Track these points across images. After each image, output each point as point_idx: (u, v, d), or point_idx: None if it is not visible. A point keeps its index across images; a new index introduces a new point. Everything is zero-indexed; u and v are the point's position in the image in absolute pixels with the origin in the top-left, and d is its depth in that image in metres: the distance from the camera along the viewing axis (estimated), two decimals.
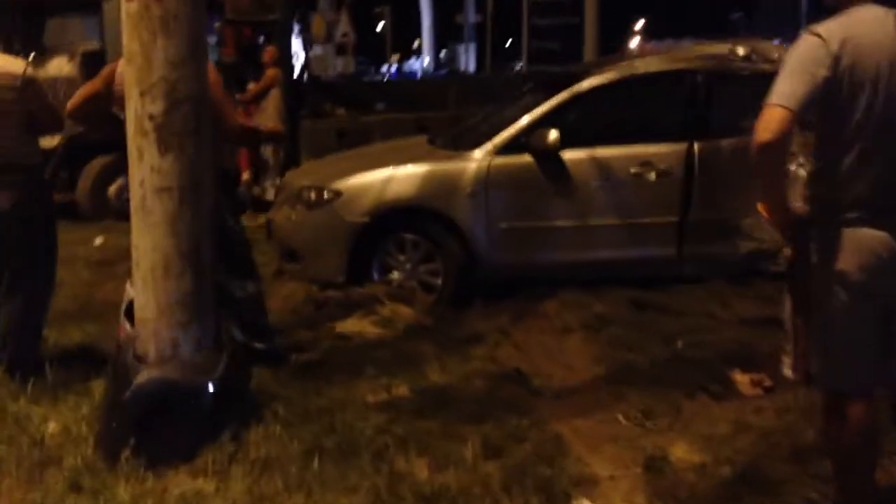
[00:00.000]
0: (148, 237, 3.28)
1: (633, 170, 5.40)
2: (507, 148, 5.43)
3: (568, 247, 5.46)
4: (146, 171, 3.23)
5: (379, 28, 38.38)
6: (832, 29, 2.43)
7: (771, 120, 2.41)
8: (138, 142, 3.21)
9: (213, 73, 3.91)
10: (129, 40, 3.14)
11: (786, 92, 2.41)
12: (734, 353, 4.39)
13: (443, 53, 44.65)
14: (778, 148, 2.43)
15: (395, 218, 5.46)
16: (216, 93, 3.83)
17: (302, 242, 5.59)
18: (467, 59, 40.86)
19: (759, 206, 2.69)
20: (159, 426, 3.25)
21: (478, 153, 5.46)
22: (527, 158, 5.41)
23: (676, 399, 3.89)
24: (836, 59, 2.40)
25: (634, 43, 40.33)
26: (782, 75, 2.45)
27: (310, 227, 5.57)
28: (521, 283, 5.50)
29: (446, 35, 43.42)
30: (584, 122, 5.56)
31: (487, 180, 5.39)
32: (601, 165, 5.42)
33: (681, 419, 3.72)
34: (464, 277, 5.44)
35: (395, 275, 5.51)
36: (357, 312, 5.17)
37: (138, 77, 3.14)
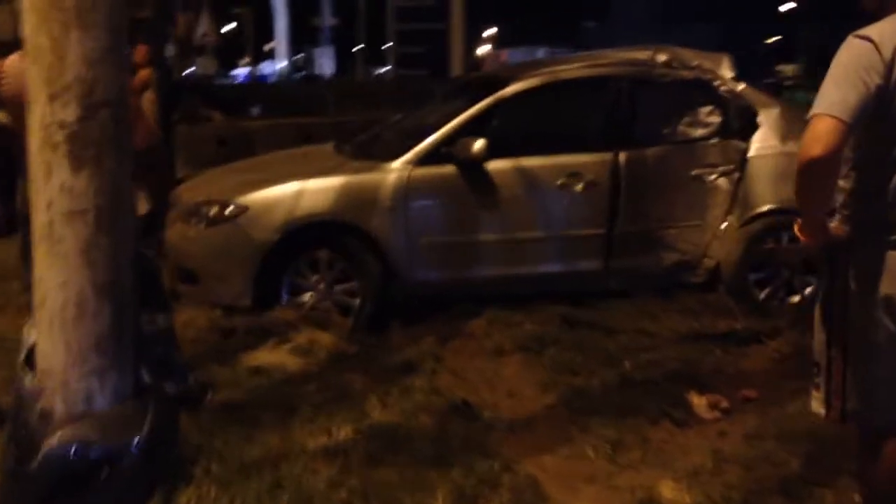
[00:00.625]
0: (57, 270, 2.72)
1: (559, 181, 5.15)
2: (428, 157, 5.08)
3: (493, 262, 5.17)
4: (54, 191, 2.67)
5: (224, 30, 36.93)
6: (884, 33, 2.20)
7: (822, 132, 2.16)
8: (46, 156, 2.65)
9: None
10: (34, 34, 2.58)
11: (836, 101, 2.16)
12: (681, 372, 4.22)
13: (298, 56, 43.77)
14: (828, 163, 2.19)
15: (307, 234, 5.00)
16: None
17: (201, 262, 5.03)
18: (324, 63, 40.24)
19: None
20: (73, 498, 2.70)
21: (396, 163, 5.08)
22: (449, 169, 5.08)
23: (640, 428, 3.65)
24: (890, 67, 2.17)
25: (483, 50, 40.77)
26: (829, 83, 2.20)
27: (210, 245, 5.02)
28: (442, 301, 5.17)
29: (302, 38, 42.66)
30: (508, 131, 5.28)
31: (407, 192, 5.02)
32: (527, 176, 5.15)
33: (651, 450, 3.48)
34: (383, 297, 5.04)
35: (308, 296, 5.05)
36: (270, 340, 4.68)
37: (47, 78, 2.58)
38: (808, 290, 5.28)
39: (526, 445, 3.53)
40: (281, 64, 38.11)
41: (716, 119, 5.40)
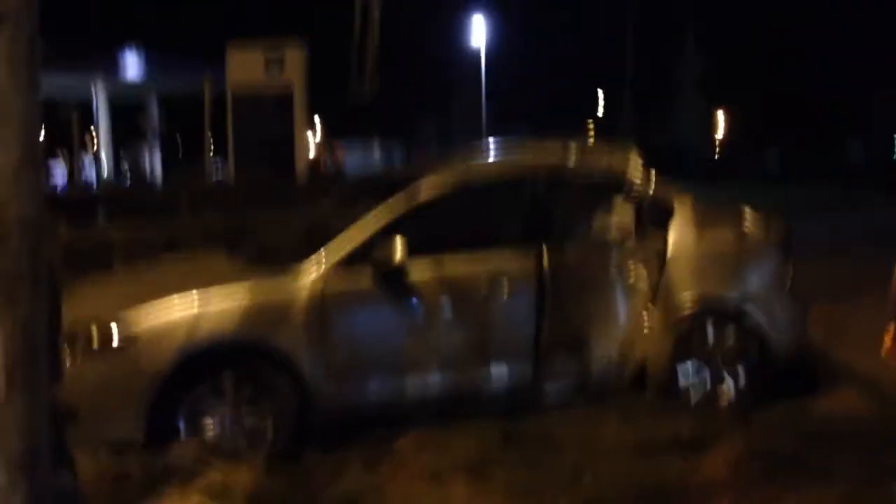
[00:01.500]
0: None
1: (485, 284, 4.81)
2: (344, 265, 4.60)
3: (420, 377, 4.71)
4: None
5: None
6: None
7: None
8: None
9: None
10: None
11: None
12: (650, 490, 3.90)
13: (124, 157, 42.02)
14: None
15: (208, 358, 4.38)
16: None
17: (82, 397, 4.26)
18: (153, 164, 38.87)
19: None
20: None
21: (308, 272, 4.57)
22: (367, 276, 4.62)
23: None
24: None
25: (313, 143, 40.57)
26: None
27: (93, 377, 4.28)
28: (363, 422, 4.65)
29: (126, 138, 40.97)
30: (427, 233, 4.89)
31: (323, 305, 4.52)
32: (450, 281, 4.77)
33: None
34: (299, 423, 4.46)
35: (210, 426, 4.39)
36: (173, 483, 3.99)
37: None
38: (733, 384, 5.13)
39: None
40: (104, 166, 36.36)
41: (631, 214, 5.25)
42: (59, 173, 33.25)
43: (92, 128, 37.53)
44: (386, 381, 4.66)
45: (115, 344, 4.29)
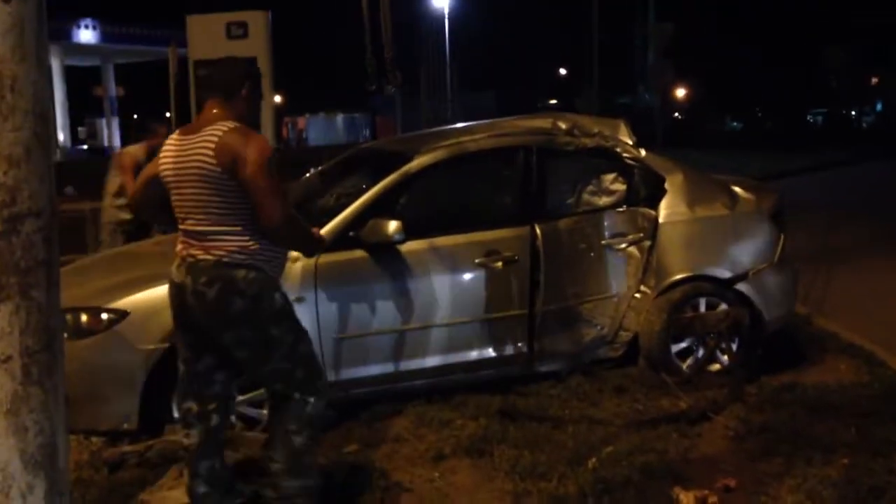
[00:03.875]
0: None
1: (477, 259, 4.74)
2: (335, 243, 4.49)
3: (414, 353, 4.64)
4: None
5: None
6: None
7: None
8: None
9: (260, 142, 3.07)
10: None
11: None
12: (652, 465, 3.87)
13: (81, 129, 41.28)
14: None
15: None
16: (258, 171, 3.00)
17: (70, 382, 4.11)
18: (111, 135, 38.20)
19: None
20: None
21: None
22: (359, 254, 4.53)
23: None
24: None
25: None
26: None
27: (81, 360, 4.14)
28: (357, 402, 4.59)
29: (84, 109, 40.15)
30: (419, 208, 4.82)
31: (316, 283, 4.42)
32: (444, 257, 4.70)
33: None
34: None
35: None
36: (172, 470, 3.89)
37: None
38: (726, 358, 5.14)
39: None
40: (61, 136, 35.68)
41: (622, 187, 5.20)
42: None
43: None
44: (381, 359, 4.58)
45: (104, 328, 4.16)
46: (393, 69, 6.73)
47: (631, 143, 5.29)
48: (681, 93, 37.11)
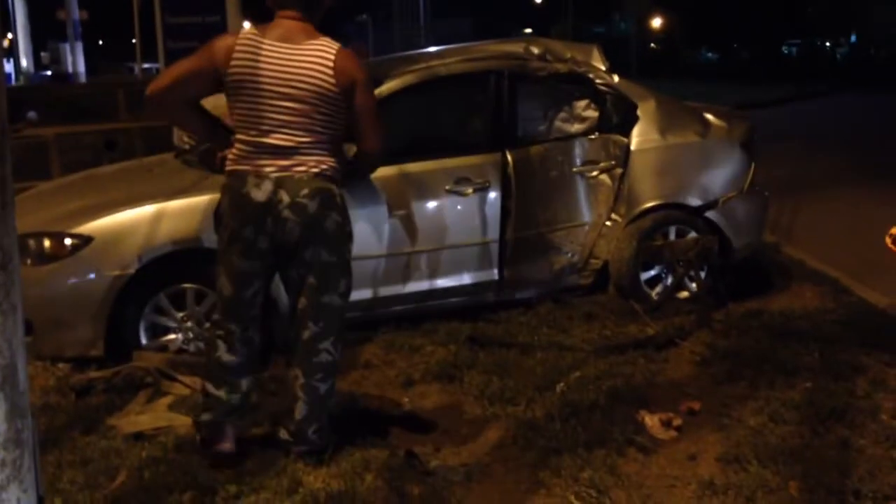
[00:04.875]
0: None
1: (448, 186, 4.70)
2: None
3: (385, 280, 4.63)
4: None
5: None
6: None
7: None
8: None
9: (365, 68, 3.18)
10: None
11: None
12: (618, 390, 3.92)
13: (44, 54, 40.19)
14: None
15: (169, 265, 4.22)
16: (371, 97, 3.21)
17: (35, 308, 4.09)
18: (75, 60, 37.15)
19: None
20: None
21: None
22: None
23: (610, 460, 3.28)
24: None
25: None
26: None
27: (45, 286, 4.10)
28: None
29: (46, 33, 39.03)
30: (388, 134, 4.72)
31: None
32: (414, 183, 4.65)
33: (632, 486, 3.13)
34: (265, 328, 4.35)
35: (173, 336, 4.29)
36: (140, 395, 3.89)
37: None
38: (694, 286, 5.17)
39: (496, 498, 3.07)
40: (24, 61, 34.75)
41: (594, 113, 5.16)
42: None
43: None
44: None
45: (67, 254, 4.10)
46: None
47: (604, 68, 5.22)
48: (657, 22, 36.85)
